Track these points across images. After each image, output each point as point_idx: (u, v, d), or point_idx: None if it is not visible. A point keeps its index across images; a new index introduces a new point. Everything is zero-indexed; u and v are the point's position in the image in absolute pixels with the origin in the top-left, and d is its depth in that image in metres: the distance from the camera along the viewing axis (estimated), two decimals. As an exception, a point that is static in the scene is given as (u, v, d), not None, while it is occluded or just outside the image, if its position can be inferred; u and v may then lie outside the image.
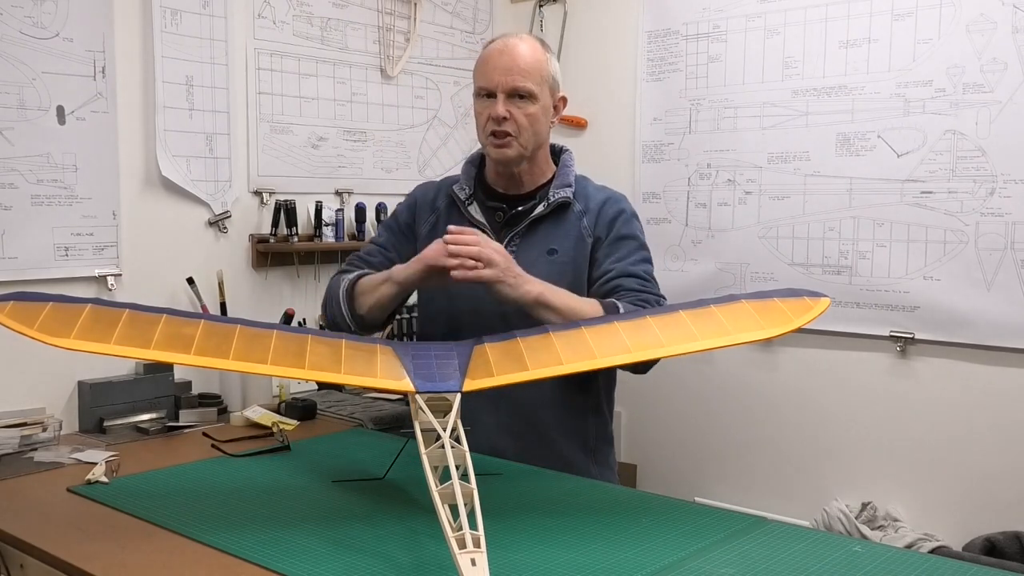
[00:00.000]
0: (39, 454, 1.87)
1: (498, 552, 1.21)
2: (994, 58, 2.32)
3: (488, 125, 1.79)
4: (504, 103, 1.76)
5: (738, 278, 2.78)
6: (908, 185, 2.46)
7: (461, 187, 1.89)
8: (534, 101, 1.78)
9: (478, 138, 1.86)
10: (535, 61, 1.78)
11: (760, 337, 1.47)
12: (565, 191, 1.83)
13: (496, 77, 1.77)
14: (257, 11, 2.57)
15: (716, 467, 2.89)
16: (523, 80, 1.76)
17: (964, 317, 2.39)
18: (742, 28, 2.75)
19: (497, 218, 1.85)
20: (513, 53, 1.77)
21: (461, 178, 1.90)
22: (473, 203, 1.87)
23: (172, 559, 1.28)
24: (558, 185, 1.84)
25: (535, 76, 1.77)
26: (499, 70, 1.77)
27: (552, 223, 1.83)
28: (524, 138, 1.78)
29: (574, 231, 1.83)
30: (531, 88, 1.76)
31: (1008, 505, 2.34)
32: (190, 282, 2.41)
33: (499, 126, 1.77)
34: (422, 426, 1.31)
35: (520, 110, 1.77)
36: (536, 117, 1.78)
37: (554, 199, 1.82)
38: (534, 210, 1.83)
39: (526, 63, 1.77)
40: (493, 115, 1.76)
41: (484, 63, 1.80)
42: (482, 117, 1.80)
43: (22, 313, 1.33)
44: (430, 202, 1.93)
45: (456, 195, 1.88)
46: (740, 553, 1.29)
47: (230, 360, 1.36)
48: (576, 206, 1.84)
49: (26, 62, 2.10)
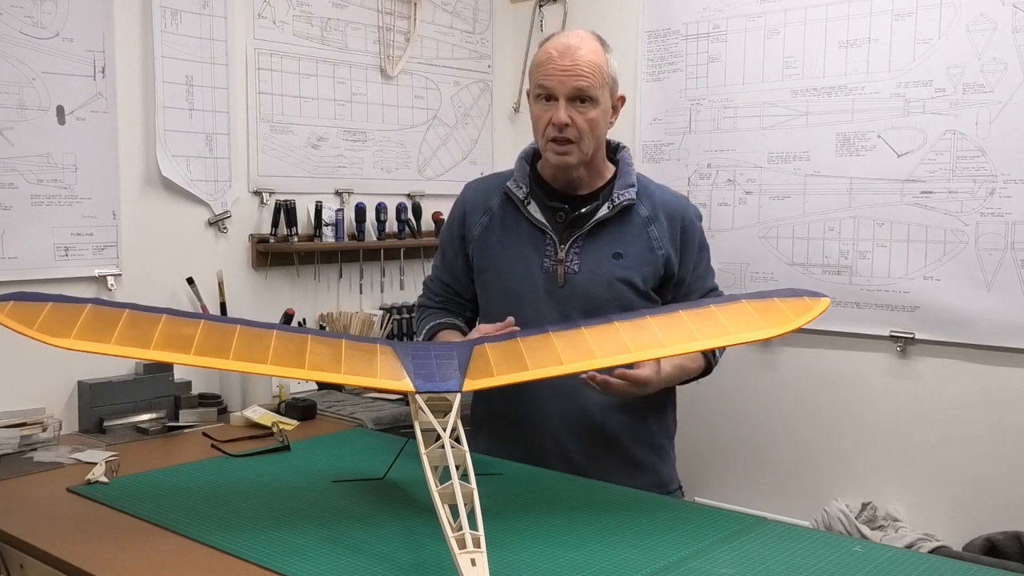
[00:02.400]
0: (39, 454, 1.87)
1: (498, 552, 1.21)
2: (994, 58, 2.32)
3: (548, 130, 1.72)
4: (566, 108, 1.69)
5: (738, 278, 2.78)
6: (908, 185, 2.46)
7: (517, 185, 1.81)
8: (595, 105, 1.71)
9: (535, 140, 1.80)
10: (597, 63, 1.71)
11: (760, 337, 1.47)
12: (629, 192, 1.78)
13: (557, 81, 1.69)
14: (257, 11, 2.57)
15: (716, 467, 2.89)
16: (587, 83, 1.69)
17: (964, 317, 2.39)
18: (742, 28, 2.75)
19: (559, 219, 1.79)
20: (575, 55, 1.69)
21: (516, 175, 1.83)
22: (532, 203, 1.80)
23: (172, 559, 1.28)
24: (621, 186, 1.79)
25: (597, 79, 1.70)
26: (560, 73, 1.69)
27: (617, 226, 1.78)
28: (585, 143, 1.73)
29: (641, 237, 1.78)
30: (594, 92, 1.70)
31: (1008, 505, 2.34)
32: (190, 282, 2.41)
33: (560, 132, 1.71)
34: (422, 426, 1.31)
35: (581, 115, 1.70)
36: (597, 121, 1.72)
37: (619, 201, 1.77)
38: (597, 212, 1.77)
39: (588, 66, 1.69)
40: (555, 121, 1.70)
41: (544, 64, 1.72)
42: (542, 121, 1.73)
43: (22, 313, 1.33)
44: (482, 202, 1.87)
45: (513, 193, 1.81)
46: (740, 553, 1.29)
47: (230, 360, 1.36)
48: (641, 209, 1.79)
49: (26, 62, 2.10)
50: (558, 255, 1.76)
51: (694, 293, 1.82)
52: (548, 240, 1.78)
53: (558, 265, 1.76)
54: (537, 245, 1.79)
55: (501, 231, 1.82)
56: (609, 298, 1.74)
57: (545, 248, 1.78)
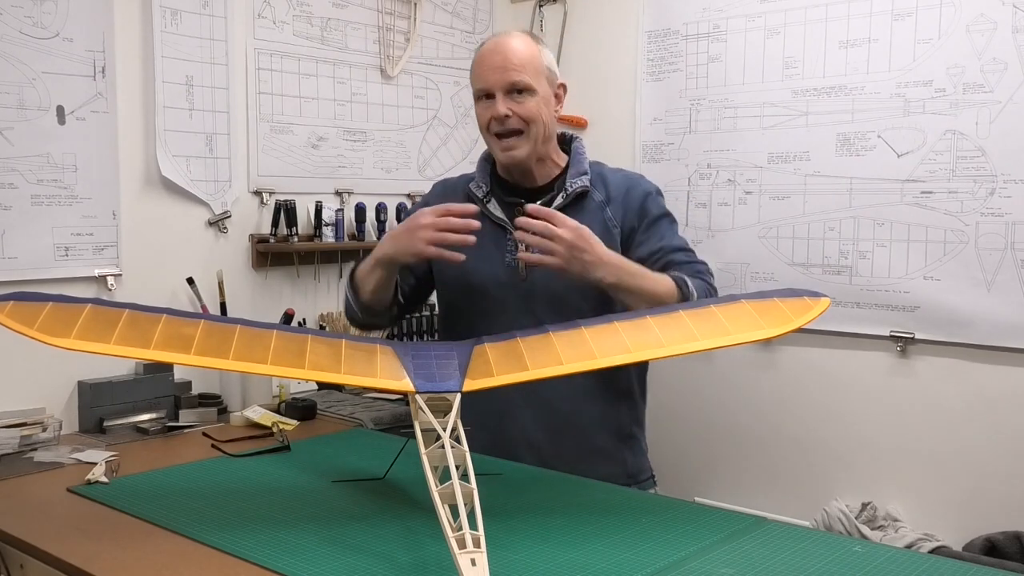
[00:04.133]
0: (39, 454, 1.87)
1: (498, 552, 1.21)
2: (994, 58, 2.32)
3: (492, 126, 1.77)
4: (503, 101, 1.75)
5: (738, 278, 2.78)
6: (908, 185, 2.46)
7: (478, 185, 1.87)
8: (533, 94, 1.76)
9: (485, 142, 1.84)
10: (528, 54, 1.77)
11: (760, 337, 1.47)
12: (582, 179, 1.82)
13: (491, 76, 1.76)
14: (257, 11, 2.57)
15: (716, 467, 2.89)
16: (518, 74, 1.74)
17: (964, 317, 2.39)
18: (742, 28, 2.75)
19: (516, 212, 1.80)
20: (505, 50, 1.76)
21: (477, 175, 1.89)
22: (491, 200, 1.85)
23: (172, 559, 1.28)
24: (574, 174, 1.83)
25: (530, 69, 1.76)
26: (493, 69, 1.76)
27: (572, 213, 1.78)
28: (532, 131, 1.76)
29: (597, 221, 1.80)
30: (528, 81, 1.75)
31: (1008, 505, 2.34)
32: (190, 282, 2.41)
33: (503, 126, 1.76)
34: (422, 426, 1.31)
35: (520, 105, 1.75)
36: (539, 108, 1.77)
37: (572, 189, 1.80)
38: (552, 203, 1.80)
39: (519, 57, 1.75)
40: (495, 115, 1.75)
41: (478, 65, 1.80)
42: (484, 119, 1.79)
43: (22, 313, 1.33)
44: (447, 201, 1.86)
45: (473, 193, 1.86)
46: (740, 553, 1.29)
47: (230, 360, 1.36)
48: (596, 195, 1.83)
49: (26, 62, 2.10)
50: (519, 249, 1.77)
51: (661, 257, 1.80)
52: (508, 235, 1.80)
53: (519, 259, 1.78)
54: (499, 242, 1.81)
55: None
56: (571, 287, 1.74)
57: (507, 243, 1.80)
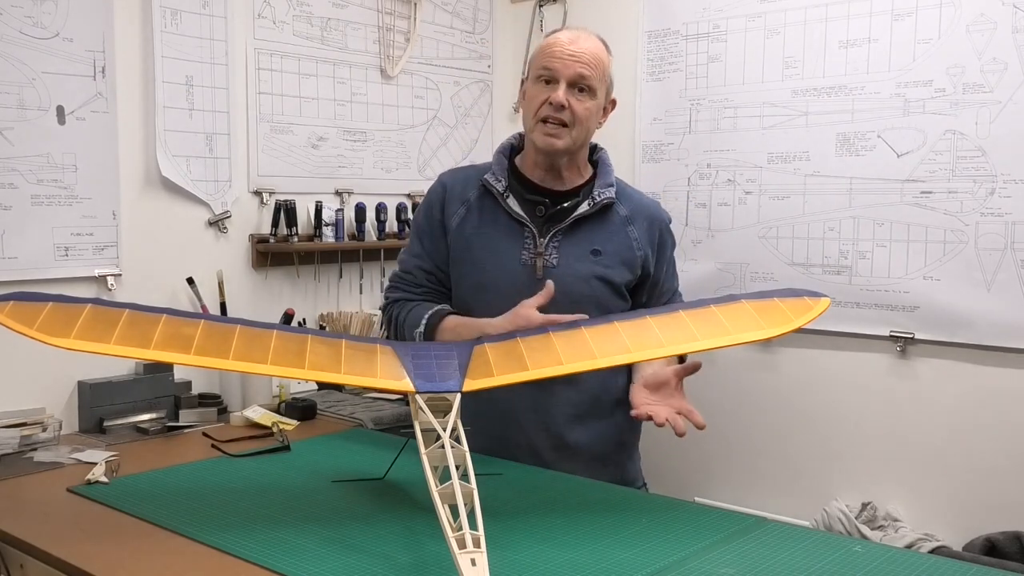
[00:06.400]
0: (39, 454, 1.87)
1: (498, 552, 1.21)
2: (994, 58, 2.32)
3: (543, 109, 1.73)
4: (565, 91, 1.72)
5: (738, 278, 2.78)
6: (908, 185, 2.46)
7: (496, 178, 1.80)
8: (593, 96, 1.74)
9: (524, 124, 1.80)
10: (600, 58, 1.75)
11: (760, 337, 1.47)
12: (609, 191, 1.80)
13: (563, 63, 1.72)
14: (257, 11, 2.57)
15: (716, 467, 2.89)
16: (589, 71, 1.72)
17: (964, 317, 2.39)
18: (742, 28, 2.75)
19: (538, 212, 1.79)
20: (582, 44, 1.74)
21: (494, 168, 1.82)
22: (510, 196, 1.80)
23: (172, 559, 1.28)
24: (601, 185, 1.81)
25: (599, 71, 1.74)
26: (566, 57, 1.72)
27: (596, 223, 1.79)
28: (577, 131, 1.74)
29: (620, 236, 1.80)
30: (594, 83, 1.73)
31: (1008, 505, 2.34)
32: (190, 282, 2.41)
33: (556, 112, 1.72)
34: (422, 426, 1.31)
35: (579, 102, 1.72)
36: (591, 113, 1.75)
37: (600, 199, 1.78)
38: (578, 208, 1.78)
39: (593, 57, 1.74)
40: (553, 100, 1.71)
41: (550, 46, 1.75)
42: (537, 100, 1.74)
43: (22, 313, 1.33)
44: (460, 193, 1.84)
45: (492, 186, 1.80)
46: (740, 553, 1.29)
47: (230, 360, 1.36)
48: (620, 209, 1.82)
49: (26, 62, 2.10)
50: (537, 248, 1.76)
51: (664, 295, 1.88)
52: (527, 233, 1.78)
53: (536, 258, 1.76)
54: (515, 238, 1.78)
55: (478, 223, 1.81)
56: (586, 294, 1.74)
57: (524, 241, 1.78)
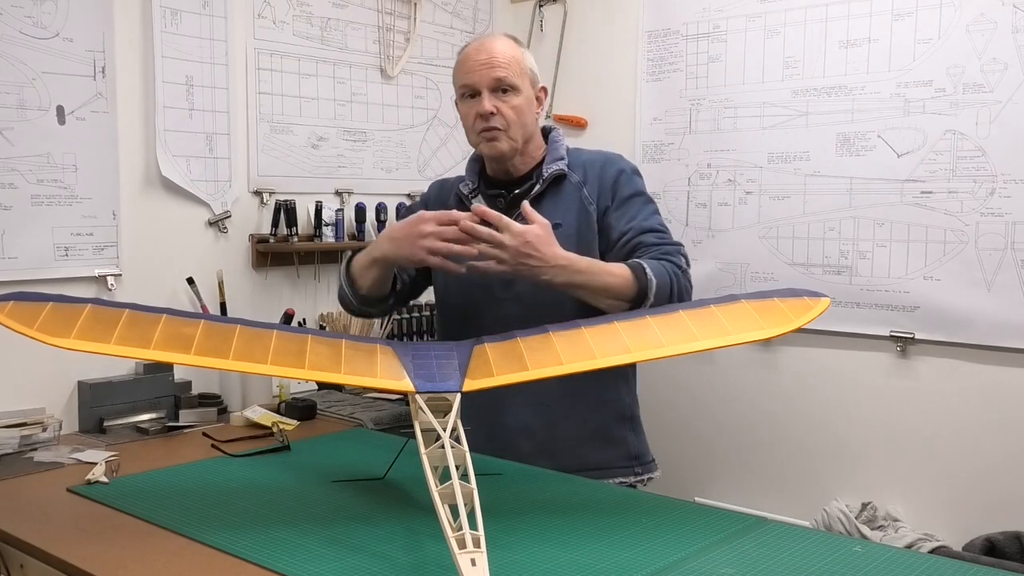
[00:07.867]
0: (39, 454, 1.87)
1: (498, 552, 1.21)
2: (994, 58, 2.32)
3: (477, 123, 1.82)
4: (489, 99, 1.79)
5: (738, 278, 2.78)
6: (908, 185, 2.46)
7: (466, 183, 1.93)
8: (517, 93, 1.81)
9: (469, 141, 1.89)
10: (512, 55, 1.82)
11: (760, 337, 1.47)
12: (558, 164, 1.86)
13: (477, 74, 1.80)
14: (257, 11, 2.57)
15: (716, 467, 2.89)
16: (504, 71, 1.79)
17: (964, 317, 2.39)
18: (742, 28, 2.75)
19: (499, 204, 1.87)
20: (490, 50, 1.81)
21: (466, 175, 1.96)
22: (477, 196, 1.90)
23: (172, 559, 1.28)
24: (550, 160, 1.87)
25: (515, 68, 1.81)
26: (479, 66, 1.80)
27: (551, 198, 1.85)
28: (513, 131, 1.81)
29: (575, 202, 1.84)
30: (513, 80, 1.80)
31: (1008, 505, 2.34)
32: (190, 282, 2.41)
33: (488, 122, 1.79)
34: (422, 426, 1.31)
35: (505, 104, 1.80)
36: (522, 109, 1.82)
37: (548, 174, 1.85)
38: (532, 190, 1.85)
39: (504, 57, 1.80)
40: (481, 111, 1.79)
41: (463, 63, 1.84)
42: (469, 118, 1.83)
43: (22, 313, 1.33)
44: (443, 200, 1.97)
45: (461, 191, 1.93)
46: (740, 553, 1.29)
47: (230, 360, 1.36)
48: (573, 177, 1.87)
49: (26, 62, 2.10)
50: None
51: (636, 232, 1.80)
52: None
53: None
54: None
55: None
56: None
57: None
